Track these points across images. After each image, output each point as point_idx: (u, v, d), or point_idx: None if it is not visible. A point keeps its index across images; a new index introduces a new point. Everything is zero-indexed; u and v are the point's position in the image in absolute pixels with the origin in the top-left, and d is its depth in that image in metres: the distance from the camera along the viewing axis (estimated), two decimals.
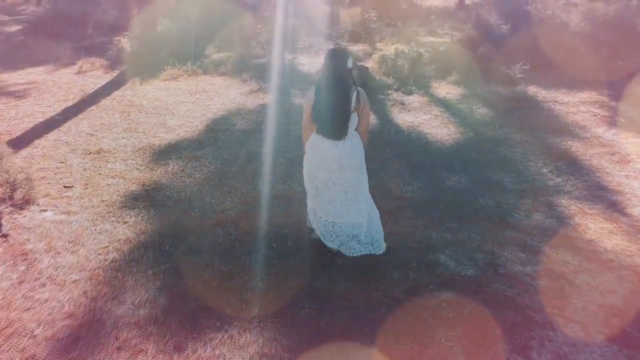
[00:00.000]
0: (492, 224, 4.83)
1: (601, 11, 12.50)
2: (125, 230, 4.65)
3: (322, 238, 4.12)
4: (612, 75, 9.91)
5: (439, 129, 7.56)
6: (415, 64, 10.81)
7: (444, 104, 8.89)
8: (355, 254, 4.09)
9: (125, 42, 12.84)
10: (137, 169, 6.13)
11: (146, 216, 4.92)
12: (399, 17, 22.79)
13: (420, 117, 8.13)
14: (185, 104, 9.03)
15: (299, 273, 4.03)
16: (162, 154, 6.59)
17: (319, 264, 4.14)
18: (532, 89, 9.60)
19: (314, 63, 12.55)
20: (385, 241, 4.24)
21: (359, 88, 3.79)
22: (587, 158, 6.36)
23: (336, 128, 3.77)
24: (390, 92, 9.70)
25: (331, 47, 6.76)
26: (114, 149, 6.76)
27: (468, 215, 4.96)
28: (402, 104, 8.96)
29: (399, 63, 10.50)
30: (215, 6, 16.05)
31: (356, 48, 14.62)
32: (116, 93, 9.83)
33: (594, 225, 4.77)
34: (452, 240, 4.54)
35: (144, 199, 5.31)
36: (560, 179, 5.80)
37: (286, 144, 6.87)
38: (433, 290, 3.83)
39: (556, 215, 4.99)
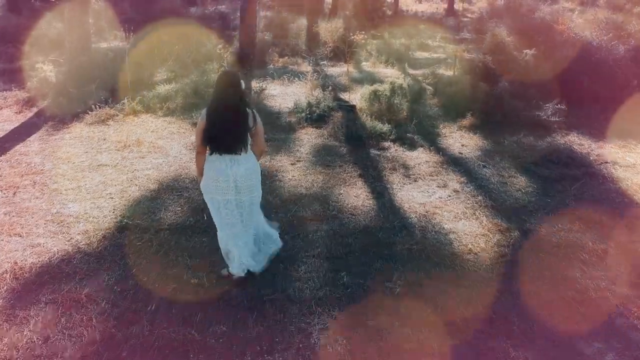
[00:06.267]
0: None
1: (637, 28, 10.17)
2: None
3: (234, 267, 4.06)
4: None
5: (465, 221, 5.08)
6: (417, 100, 8.35)
7: (462, 168, 6.42)
8: (262, 266, 4.15)
9: (49, 69, 10.13)
10: None
11: None
12: (385, 27, 20.44)
13: (435, 196, 5.65)
14: (104, 168, 6.45)
15: None
16: (29, 289, 4.02)
17: None
18: (575, 141, 7.19)
19: (287, 94, 10.04)
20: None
21: (252, 109, 3.86)
22: None
23: (233, 142, 3.75)
24: (386, 144, 7.23)
25: (224, 69, 5.38)
26: None
27: None
28: (405, 166, 6.48)
29: (395, 101, 8.01)
30: (169, 21, 13.45)
31: (338, 71, 12.13)
32: (18, 148, 7.21)
33: None
34: None
35: None
36: None
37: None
38: None
39: None
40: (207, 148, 3.82)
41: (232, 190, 3.84)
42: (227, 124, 3.71)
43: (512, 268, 4.30)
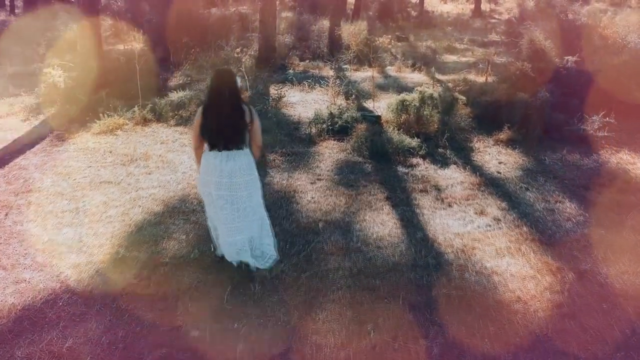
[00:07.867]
0: None
1: None
2: None
3: (226, 255, 4.10)
4: None
5: (510, 259, 4.39)
6: (448, 111, 7.66)
7: (502, 190, 5.73)
8: (242, 260, 4.04)
9: (57, 74, 9.64)
10: None
11: None
12: (410, 29, 19.78)
13: (472, 225, 4.98)
14: (107, 186, 5.91)
15: None
16: (4, 339, 3.48)
17: None
18: (628, 159, 6.44)
19: (307, 101, 9.43)
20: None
21: (249, 105, 3.88)
22: None
23: (230, 138, 3.81)
24: (415, 160, 6.57)
25: (218, 68, 5.01)
26: None
27: None
28: (437, 188, 5.81)
29: (424, 112, 7.34)
30: (188, 23, 12.93)
31: (362, 76, 11.47)
32: (18, 161, 6.72)
33: None
34: None
35: None
36: None
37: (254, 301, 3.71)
38: None
39: None
40: (206, 143, 3.89)
41: (225, 186, 3.86)
42: (223, 121, 3.77)
43: (571, 324, 3.60)
